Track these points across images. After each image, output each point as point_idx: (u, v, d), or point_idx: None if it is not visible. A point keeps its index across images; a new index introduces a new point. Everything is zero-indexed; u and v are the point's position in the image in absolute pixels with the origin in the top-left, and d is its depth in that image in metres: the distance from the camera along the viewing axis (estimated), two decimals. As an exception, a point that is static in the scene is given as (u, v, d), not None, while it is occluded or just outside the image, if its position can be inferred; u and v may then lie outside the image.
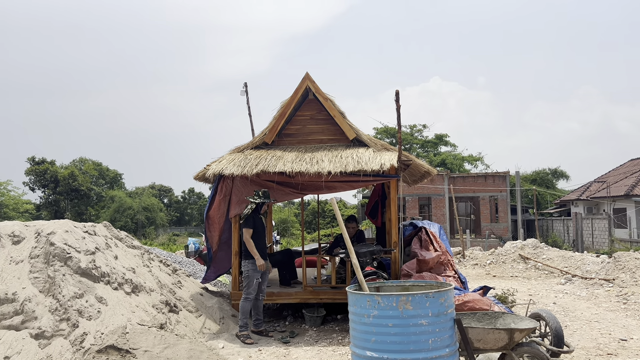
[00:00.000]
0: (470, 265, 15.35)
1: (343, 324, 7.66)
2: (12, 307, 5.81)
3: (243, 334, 6.76)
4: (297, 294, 7.76)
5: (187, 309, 7.30)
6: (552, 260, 13.81)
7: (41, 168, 42.81)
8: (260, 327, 7.07)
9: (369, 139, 7.97)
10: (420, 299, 3.89)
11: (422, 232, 8.30)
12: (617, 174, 32.70)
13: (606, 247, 22.59)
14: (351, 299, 4.21)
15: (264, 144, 8.06)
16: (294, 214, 44.66)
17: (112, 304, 6.06)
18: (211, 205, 7.65)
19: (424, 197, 30.50)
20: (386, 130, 39.22)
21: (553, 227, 30.84)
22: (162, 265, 8.24)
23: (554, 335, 5.04)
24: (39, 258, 6.30)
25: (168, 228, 49.98)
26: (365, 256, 7.27)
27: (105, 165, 55.13)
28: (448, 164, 38.00)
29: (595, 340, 6.54)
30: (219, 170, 7.44)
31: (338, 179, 7.38)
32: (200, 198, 58.88)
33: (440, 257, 7.85)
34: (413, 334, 3.86)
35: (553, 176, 41.60)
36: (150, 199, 47.90)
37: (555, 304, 9.08)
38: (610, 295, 9.53)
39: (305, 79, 7.96)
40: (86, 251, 6.53)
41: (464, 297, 6.49)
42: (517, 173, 30.83)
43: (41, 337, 5.56)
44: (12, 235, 6.71)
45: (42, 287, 6.05)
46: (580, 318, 7.86)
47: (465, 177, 30.57)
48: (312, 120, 8.20)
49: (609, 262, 11.51)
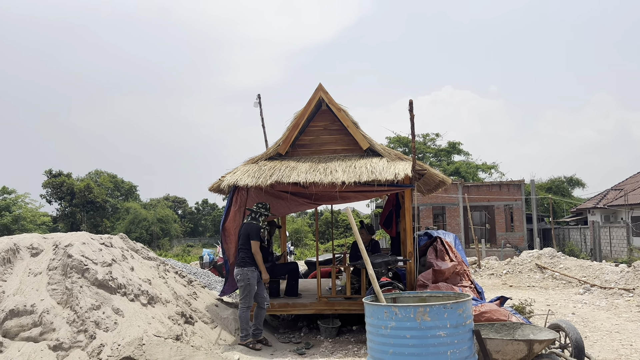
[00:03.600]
0: (486, 275, 15.19)
1: (358, 335, 7.60)
2: (31, 318, 5.87)
3: (248, 341, 6.78)
4: (312, 304, 7.73)
5: (203, 320, 7.31)
6: (570, 269, 13.61)
7: (58, 181, 43.43)
8: (260, 337, 7.03)
9: (383, 148, 7.95)
10: (438, 310, 3.86)
11: (437, 242, 8.24)
12: (635, 181, 32.20)
13: (625, 255, 22.19)
14: (368, 310, 4.18)
15: (278, 154, 8.09)
16: (307, 224, 44.64)
17: (129, 316, 6.09)
18: (227, 216, 7.68)
19: (438, 207, 30.30)
20: (399, 139, 39.13)
21: (570, 236, 30.41)
22: (177, 277, 8.27)
23: (575, 347, 4.95)
24: (56, 270, 6.37)
25: (182, 239, 50.23)
26: (380, 267, 7.23)
27: (120, 178, 55.78)
28: (462, 172, 37.76)
29: (616, 351, 6.41)
30: (233, 182, 7.47)
31: (352, 189, 7.37)
32: (214, 209, 59.16)
33: (456, 267, 7.78)
34: (431, 345, 3.82)
35: (569, 184, 41.10)
36: (165, 210, 48.26)
37: (574, 314, 8.93)
38: (631, 305, 9.35)
39: (318, 89, 8.00)
40: (103, 263, 6.58)
41: (481, 307, 6.41)
42: (532, 181, 30.52)
43: (59, 348, 5.60)
44: (30, 248, 6.80)
45: (60, 298, 6.11)
46: (600, 329, 7.71)
47: (479, 186, 30.33)
48: (325, 130, 8.22)
49: (628, 272, 11.31)
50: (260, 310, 7.04)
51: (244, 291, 6.90)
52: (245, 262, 6.89)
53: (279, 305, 7.80)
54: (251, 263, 6.88)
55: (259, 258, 6.90)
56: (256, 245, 6.90)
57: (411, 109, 7.07)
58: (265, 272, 7.00)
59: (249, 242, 6.91)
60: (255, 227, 7.00)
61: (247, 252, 6.91)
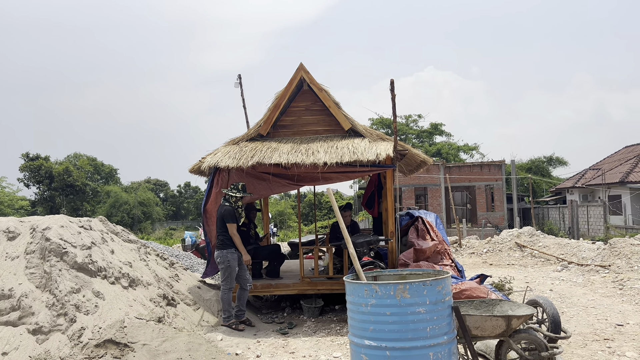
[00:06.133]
0: (467, 254, 15.41)
1: (341, 314, 7.68)
2: (9, 303, 5.79)
3: (231, 322, 6.81)
4: (295, 285, 7.76)
5: (185, 302, 7.29)
6: (548, 247, 13.88)
7: (35, 164, 42.56)
8: (243, 318, 7.05)
9: (365, 129, 7.94)
10: (417, 287, 3.89)
11: (418, 221, 8.31)
12: (612, 161, 32.83)
13: (601, 234, 22.72)
14: (349, 288, 4.21)
15: (259, 135, 8.02)
16: (290, 206, 44.65)
17: (110, 299, 6.05)
18: (208, 198, 7.62)
19: (420, 187, 30.54)
20: (381, 121, 39.19)
21: (549, 215, 30.98)
22: (159, 259, 8.22)
23: (551, 322, 5.05)
24: (34, 254, 6.27)
25: (164, 222, 49.86)
26: (362, 246, 7.29)
27: (100, 161, 54.95)
28: (444, 153, 38.05)
29: (591, 325, 6.58)
30: (214, 163, 7.40)
31: (334, 170, 7.36)
32: (197, 192, 58.74)
33: (437, 246, 7.87)
34: (411, 322, 3.86)
35: (549, 164, 41.72)
36: (146, 194, 47.76)
37: (552, 290, 9.13)
38: (606, 281, 9.59)
39: (299, 69, 7.91)
40: (82, 246, 6.50)
41: (461, 285, 6.50)
42: (513, 162, 30.90)
43: (39, 332, 5.54)
44: (7, 231, 6.67)
45: (39, 282, 6.03)
46: (576, 304, 7.90)
47: (461, 167, 30.61)
48: (307, 111, 8.16)
49: (604, 249, 11.57)
50: (242, 291, 7.04)
51: (225, 273, 6.89)
52: (224, 245, 6.87)
53: (261, 286, 7.82)
54: (230, 245, 6.86)
55: (237, 240, 6.88)
56: (233, 227, 6.87)
57: (392, 88, 7.04)
58: (245, 253, 6.99)
59: (225, 225, 6.89)
60: (229, 210, 6.95)
61: (226, 235, 6.89)
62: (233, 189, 7.06)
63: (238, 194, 7.03)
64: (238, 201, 7.09)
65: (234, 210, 7.01)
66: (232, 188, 7.09)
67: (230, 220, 6.90)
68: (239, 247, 6.89)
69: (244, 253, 6.96)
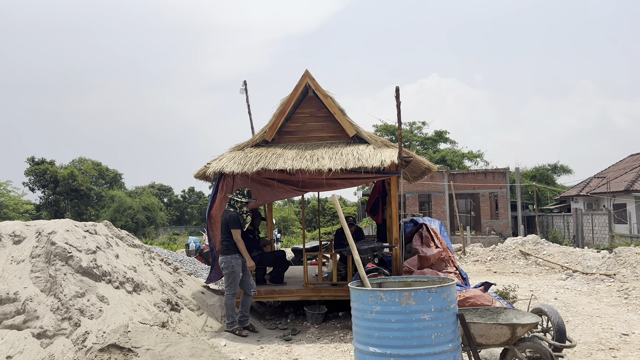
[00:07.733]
0: (471, 261, 15.36)
1: (345, 321, 7.66)
2: (14, 306, 5.80)
3: (234, 327, 6.81)
4: (299, 291, 7.76)
5: (189, 307, 7.29)
6: (553, 256, 13.82)
7: (41, 168, 42.74)
8: (246, 323, 7.04)
9: (370, 135, 7.95)
10: (422, 294, 3.89)
11: (423, 228, 8.29)
12: (617, 169, 32.70)
13: (606, 242, 22.61)
14: (354, 295, 4.21)
15: (264, 141, 8.05)
16: (294, 212, 44.65)
17: (114, 303, 6.06)
18: (213, 204, 7.64)
19: (424, 194, 30.49)
20: (386, 127, 39.20)
21: (553, 223, 30.86)
22: (163, 264, 8.23)
23: (556, 330, 5.04)
24: (40, 257, 6.30)
25: (168, 227, 49.93)
26: (366, 253, 7.28)
27: (105, 165, 55.10)
28: (448, 160, 38.00)
29: (597, 335, 6.54)
30: (219, 168, 7.42)
31: (338, 176, 7.37)
32: (201, 197, 58.82)
33: (441, 254, 7.85)
34: (416, 329, 3.86)
35: (553, 172, 41.61)
36: (150, 199, 47.86)
37: (557, 299, 9.08)
38: (612, 290, 9.54)
39: (304, 76, 7.94)
40: (87, 250, 6.52)
41: (465, 293, 6.48)
42: (517, 169, 30.83)
43: (43, 336, 5.56)
44: (13, 235, 6.70)
45: (44, 286, 6.05)
46: (581, 313, 7.86)
47: (465, 174, 30.56)
48: (312, 117, 8.18)
49: (609, 258, 11.52)
50: (246, 297, 7.04)
51: (229, 278, 6.90)
52: (228, 250, 6.88)
53: (265, 292, 7.82)
54: (234, 250, 6.88)
55: (242, 246, 6.89)
56: (237, 233, 6.89)
57: (397, 95, 7.07)
58: (249, 259, 7.00)
59: (229, 230, 6.91)
60: (233, 215, 6.97)
61: (230, 240, 6.90)
62: (239, 194, 7.09)
63: (244, 199, 7.05)
64: (243, 206, 7.11)
65: (239, 216, 7.02)
66: (237, 193, 7.11)
67: (235, 226, 6.91)
68: (243, 253, 6.90)
69: (248, 259, 6.97)
